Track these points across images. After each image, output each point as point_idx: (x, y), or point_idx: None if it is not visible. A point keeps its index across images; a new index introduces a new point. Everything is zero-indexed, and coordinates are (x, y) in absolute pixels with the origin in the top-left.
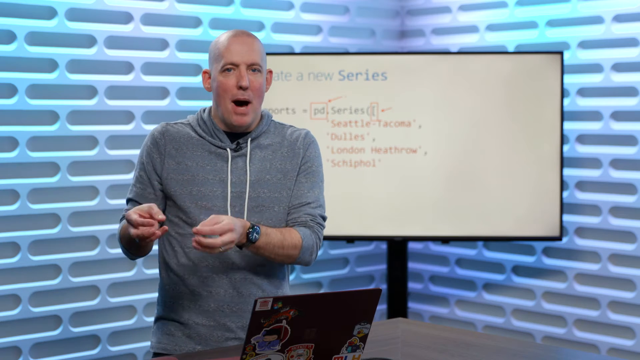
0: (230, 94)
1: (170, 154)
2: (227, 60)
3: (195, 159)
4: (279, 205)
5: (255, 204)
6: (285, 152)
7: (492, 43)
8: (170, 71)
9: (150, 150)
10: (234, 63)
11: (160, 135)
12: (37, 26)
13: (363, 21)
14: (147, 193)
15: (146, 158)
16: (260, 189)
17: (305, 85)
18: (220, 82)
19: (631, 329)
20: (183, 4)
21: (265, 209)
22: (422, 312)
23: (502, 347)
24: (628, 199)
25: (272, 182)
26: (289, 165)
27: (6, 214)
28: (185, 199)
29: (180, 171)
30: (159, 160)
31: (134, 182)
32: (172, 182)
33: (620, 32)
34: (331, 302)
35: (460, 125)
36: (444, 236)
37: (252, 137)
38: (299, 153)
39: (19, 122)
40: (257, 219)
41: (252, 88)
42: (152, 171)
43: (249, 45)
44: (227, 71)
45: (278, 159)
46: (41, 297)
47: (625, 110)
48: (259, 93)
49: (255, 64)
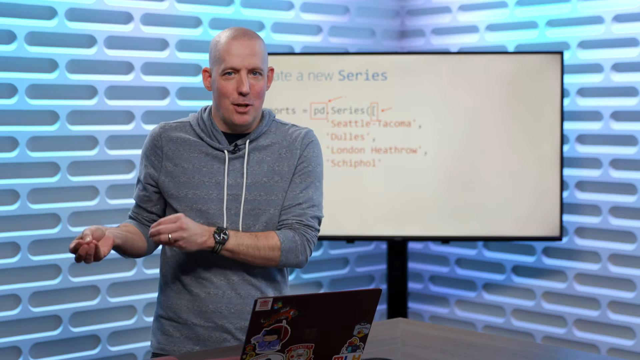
0: (230, 98)
1: (168, 156)
2: (228, 64)
3: (192, 161)
4: (274, 208)
5: (251, 207)
6: (283, 153)
7: (492, 43)
8: (170, 71)
9: (149, 152)
10: (234, 68)
11: (158, 136)
12: (37, 26)
13: (363, 21)
14: (142, 195)
15: (145, 160)
16: (257, 191)
17: (305, 85)
18: (221, 86)
19: (631, 329)
20: (183, 4)
21: (262, 212)
22: (422, 312)
23: (502, 347)
24: (628, 199)
25: (268, 185)
26: (286, 167)
27: (6, 214)
28: (182, 201)
29: (176, 173)
30: (157, 162)
31: (136, 184)
32: (169, 184)
33: (620, 32)
34: (331, 302)
35: (460, 125)
36: (444, 236)
37: (251, 139)
38: (296, 154)
39: (19, 122)
40: (253, 222)
41: (252, 92)
42: (149, 175)
43: (250, 49)
44: (227, 75)
45: (276, 161)
46: (41, 297)
47: (625, 110)
48: (260, 95)
49: (257, 68)
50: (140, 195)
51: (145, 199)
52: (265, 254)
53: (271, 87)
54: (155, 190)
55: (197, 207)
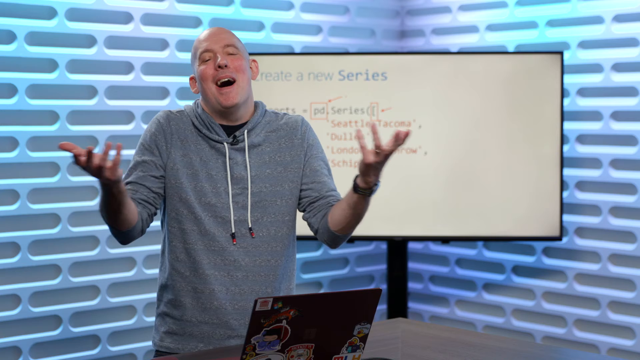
0: (211, 77)
1: (176, 145)
2: (202, 49)
3: (199, 153)
4: (281, 199)
5: (257, 199)
6: (283, 143)
7: (492, 43)
8: (170, 71)
9: (156, 136)
10: (208, 49)
11: (166, 122)
12: (37, 26)
13: (363, 21)
14: (148, 175)
15: (151, 143)
16: (262, 183)
17: (305, 85)
18: (201, 71)
19: (631, 329)
20: (183, 4)
21: (268, 204)
22: (422, 312)
23: (502, 347)
24: (628, 199)
25: (273, 176)
26: (289, 157)
27: (6, 214)
28: (190, 193)
29: (185, 164)
30: (165, 147)
31: (133, 166)
32: (177, 173)
33: (620, 32)
34: (331, 302)
35: (460, 125)
36: (444, 236)
37: (249, 129)
38: (299, 143)
39: (19, 122)
40: (260, 213)
41: (232, 67)
42: (158, 156)
43: (221, 32)
44: (205, 61)
45: (277, 152)
46: (41, 297)
47: (625, 110)
48: (242, 71)
49: (230, 45)
50: (142, 176)
51: (150, 179)
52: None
53: (271, 87)
54: (163, 174)
55: (204, 200)
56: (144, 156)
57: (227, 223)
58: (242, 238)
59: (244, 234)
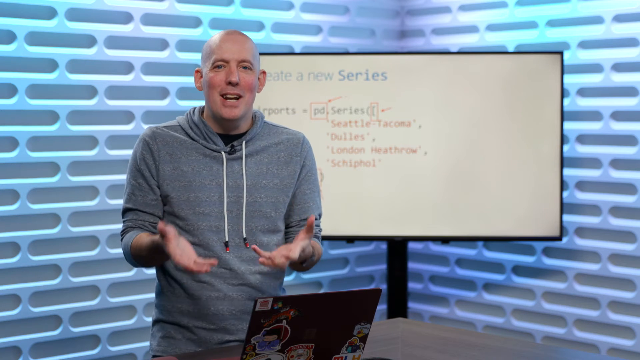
0: (219, 89)
1: (165, 160)
2: (218, 56)
3: (191, 163)
4: (275, 211)
5: (252, 209)
6: (282, 157)
7: (492, 43)
8: (170, 71)
9: (144, 156)
10: (224, 60)
11: (152, 140)
12: (37, 26)
13: (363, 21)
14: (149, 200)
15: (141, 164)
16: (257, 193)
17: (305, 85)
18: (210, 78)
19: (631, 329)
20: (183, 4)
21: (262, 215)
22: (422, 312)
23: (502, 347)
24: (628, 199)
25: (268, 187)
26: (285, 171)
27: (6, 214)
28: (183, 205)
29: (176, 177)
30: (153, 165)
31: (131, 191)
32: (168, 188)
33: (620, 32)
34: (331, 302)
35: (460, 125)
36: (444, 236)
37: (247, 140)
38: (297, 161)
39: (19, 122)
40: (254, 224)
41: (242, 85)
42: (150, 177)
43: (240, 44)
44: (217, 68)
45: (274, 164)
46: (41, 297)
47: (625, 110)
48: (250, 89)
49: (246, 61)
50: (142, 202)
51: (152, 203)
52: (315, 263)
53: (271, 87)
54: (160, 193)
55: (199, 210)
56: (138, 179)
57: (221, 232)
58: (236, 247)
59: (238, 243)
